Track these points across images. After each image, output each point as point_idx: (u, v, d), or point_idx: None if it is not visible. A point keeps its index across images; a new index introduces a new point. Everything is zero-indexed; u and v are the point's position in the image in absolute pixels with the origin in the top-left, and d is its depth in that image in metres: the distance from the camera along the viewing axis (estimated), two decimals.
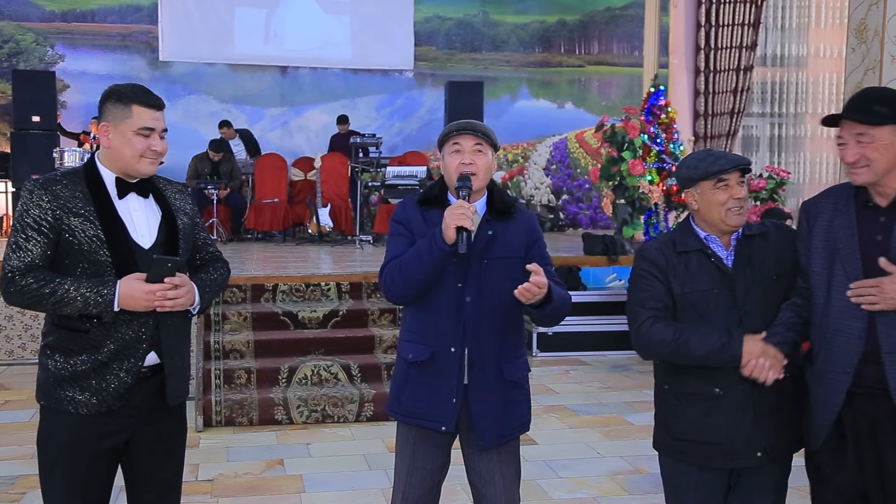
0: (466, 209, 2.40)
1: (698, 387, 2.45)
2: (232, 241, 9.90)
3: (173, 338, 2.48)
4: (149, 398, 2.43)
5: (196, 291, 2.44)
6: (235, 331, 6.07)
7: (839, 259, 2.38)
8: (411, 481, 2.60)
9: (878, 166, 2.32)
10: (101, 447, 2.38)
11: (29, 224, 2.31)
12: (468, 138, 2.54)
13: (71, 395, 2.35)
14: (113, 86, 2.48)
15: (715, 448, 2.44)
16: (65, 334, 2.37)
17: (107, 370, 2.35)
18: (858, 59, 7.65)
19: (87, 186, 2.39)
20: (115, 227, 2.37)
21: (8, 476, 4.34)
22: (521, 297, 2.36)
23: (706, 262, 2.47)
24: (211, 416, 5.31)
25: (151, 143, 2.40)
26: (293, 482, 4.33)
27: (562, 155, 12.57)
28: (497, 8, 12.42)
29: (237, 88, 11.64)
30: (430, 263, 2.46)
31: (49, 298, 2.28)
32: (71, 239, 2.32)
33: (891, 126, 2.31)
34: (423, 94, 12.20)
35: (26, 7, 10.97)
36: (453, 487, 2.69)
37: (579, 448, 4.87)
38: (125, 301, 2.30)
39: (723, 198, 2.44)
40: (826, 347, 2.39)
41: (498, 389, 2.55)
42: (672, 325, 2.44)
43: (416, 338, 2.60)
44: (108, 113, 2.40)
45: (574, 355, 7.19)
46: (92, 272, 2.33)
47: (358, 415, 5.45)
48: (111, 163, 2.43)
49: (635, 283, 2.55)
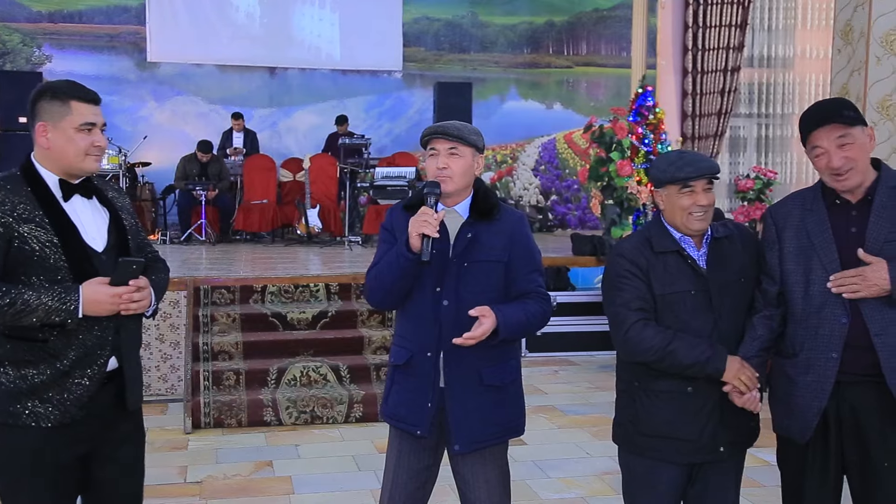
0: (429, 216, 2.38)
1: (671, 385, 2.49)
2: (220, 242, 9.87)
3: (132, 341, 2.43)
4: (108, 404, 2.37)
5: (152, 294, 2.38)
6: (224, 332, 6.06)
7: (815, 254, 2.46)
8: (398, 481, 2.60)
9: (862, 166, 2.42)
10: (67, 458, 2.31)
11: None
12: (442, 142, 2.52)
13: (30, 409, 2.25)
14: (45, 83, 2.40)
15: (683, 443, 2.48)
16: (18, 345, 2.26)
17: (68, 379, 2.27)
18: (844, 60, 7.70)
19: (31, 190, 2.27)
20: (68, 231, 2.28)
21: None
22: (461, 344, 2.38)
23: (682, 264, 2.50)
24: (200, 417, 5.30)
25: (94, 138, 2.32)
26: (282, 483, 4.34)
27: (550, 156, 12.59)
28: (485, 9, 12.44)
29: (225, 89, 11.61)
30: (399, 270, 2.46)
31: (7, 310, 2.17)
32: (23, 247, 2.21)
33: (860, 127, 2.42)
34: (411, 95, 12.20)
35: (12, 7, 10.91)
36: (442, 488, 2.70)
37: (568, 448, 4.90)
38: (89, 307, 2.22)
39: (687, 203, 2.47)
40: (811, 338, 2.46)
41: (476, 394, 2.52)
42: (660, 332, 2.45)
43: (399, 341, 2.62)
44: (43, 112, 2.30)
45: (562, 355, 7.22)
46: (48, 279, 2.24)
47: (347, 416, 5.46)
48: (52, 163, 2.32)
49: (616, 283, 2.54)
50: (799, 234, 2.50)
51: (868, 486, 2.47)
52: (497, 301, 2.47)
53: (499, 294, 2.51)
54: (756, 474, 3.58)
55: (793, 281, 2.49)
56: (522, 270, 2.55)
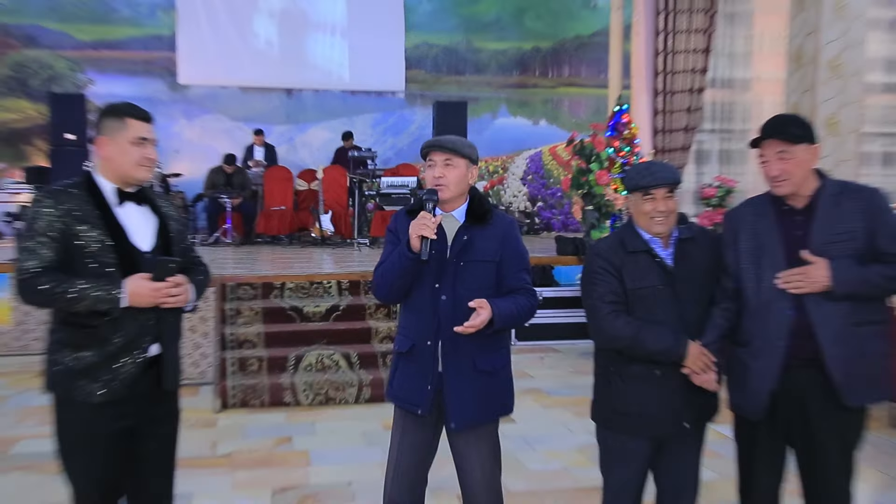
0: (428, 220, 2.41)
1: (641, 369, 2.51)
2: (244, 244, 9.88)
3: (171, 330, 2.48)
4: (150, 385, 2.42)
5: (192, 291, 2.46)
6: (248, 324, 6.09)
7: (765, 254, 2.48)
8: (401, 454, 2.62)
9: (796, 179, 2.44)
10: (114, 430, 2.36)
11: (38, 231, 2.28)
12: (438, 154, 2.54)
13: (83, 386, 2.31)
14: (108, 104, 2.46)
15: (651, 420, 2.50)
16: (73, 331, 2.33)
17: (115, 362, 2.33)
18: (796, 82, 7.75)
19: (89, 196, 2.36)
20: (118, 232, 2.35)
21: (51, 452, 4.33)
22: (462, 332, 2.40)
23: (652, 262, 2.51)
24: (227, 399, 5.33)
25: (146, 151, 2.39)
26: (300, 457, 4.35)
27: (537, 166, 12.61)
28: (479, 36, 12.46)
29: (247, 108, 11.62)
30: (400, 269, 2.48)
31: (62, 297, 2.25)
32: (79, 244, 2.29)
33: (804, 144, 2.43)
34: (413, 113, 12.22)
35: (61, 37, 10.94)
36: (441, 461, 2.73)
37: (552, 425, 4.92)
38: (132, 298, 2.29)
39: (648, 208, 2.50)
40: (761, 328, 2.47)
41: (471, 378, 2.53)
42: (630, 322, 2.48)
43: (402, 331, 2.63)
44: (105, 128, 2.38)
45: (548, 344, 7.23)
46: (99, 273, 2.30)
47: (357, 397, 5.48)
48: (109, 173, 2.40)
49: (592, 279, 2.57)
50: (751, 236, 2.51)
51: (810, 457, 2.49)
52: (489, 296, 2.47)
53: (491, 290, 2.52)
54: (717, 446, 3.62)
55: (746, 278, 2.50)
56: (512, 269, 2.56)
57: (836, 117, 7.54)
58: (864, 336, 2.41)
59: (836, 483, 2.47)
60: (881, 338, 2.46)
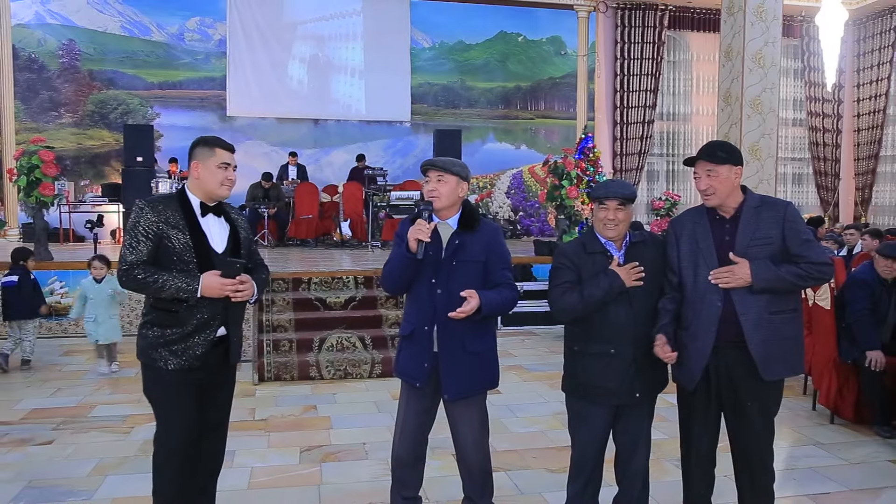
0: (423, 226, 2.42)
1: (599, 348, 2.49)
2: (278, 246, 9.86)
3: (236, 317, 2.53)
4: (217, 358, 2.47)
5: (255, 287, 2.49)
6: (281, 311, 6.07)
7: (701, 255, 2.47)
8: (406, 419, 2.61)
9: (721, 193, 2.44)
10: (187, 390, 2.42)
11: (140, 232, 2.36)
12: (432, 171, 2.54)
13: (164, 356, 2.38)
14: (200, 137, 2.53)
15: (607, 390, 2.49)
16: (160, 313, 2.41)
17: (190, 339, 2.39)
18: (725, 116, 7.77)
19: (180, 207, 2.43)
20: (200, 237, 2.42)
21: (121, 415, 4.34)
22: (455, 317, 2.39)
23: (606, 261, 2.50)
24: (263, 373, 5.31)
25: (228, 174, 2.47)
26: (324, 422, 4.35)
27: (518, 183, 12.59)
28: (471, 77, 12.45)
29: (282, 135, 11.59)
30: (401, 266, 2.49)
31: (152, 286, 2.34)
32: (168, 244, 2.37)
33: (728, 165, 2.43)
34: (417, 139, 12.19)
35: (134, 80, 10.97)
36: (440, 425, 2.71)
37: (531, 396, 4.91)
38: (206, 290, 2.36)
39: (601, 215, 2.50)
40: (695, 315, 2.46)
41: (461, 358, 2.51)
42: (574, 291, 2.46)
43: (406, 318, 2.63)
44: (197, 154, 2.46)
45: (527, 329, 7.23)
46: (182, 268, 2.37)
47: (370, 373, 5.47)
48: (198, 190, 2.47)
49: (555, 272, 2.57)
50: (690, 240, 2.51)
51: (738, 422, 2.49)
52: (478, 290, 2.46)
53: (479, 285, 2.51)
54: (665, 412, 3.61)
55: (685, 274, 2.50)
56: (496, 267, 2.55)
57: (758, 145, 7.57)
58: (779, 322, 2.40)
59: (759, 441, 2.47)
60: (793, 323, 2.45)
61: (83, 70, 10.82)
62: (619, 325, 2.46)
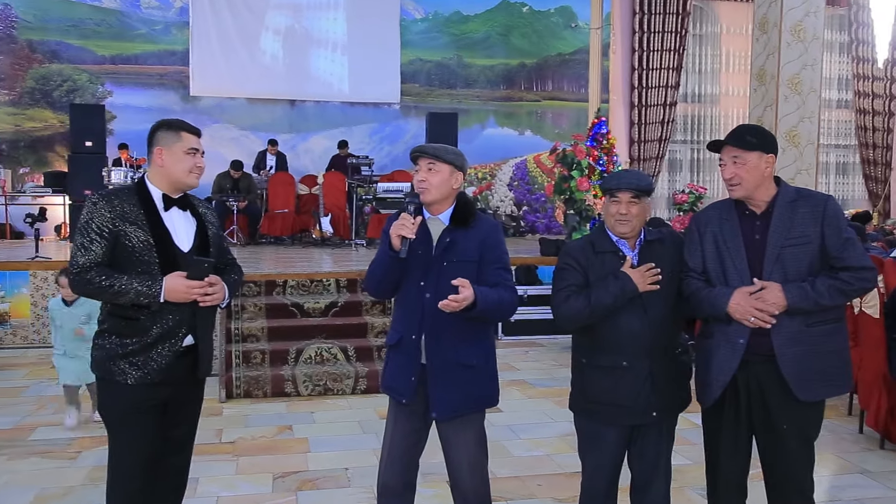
0: (407, 221, 2.40)
1: (609, 360, 2.47)
2: (249, 244, 9.85)
3: (205, 324, 2.51)
4: (184, 371, 2.47)
5: (226, 290, 2.49)
6: (252, 319, 6.05)
7: (728, 255, 2.45)
8: (394, 441, 2.60)
9: (748, 184, 2.43)
10: (148, 408, 2.41)
11: (93, 229, 2.33)
12: (423, 159, 2.52)
13: (122, 369, 2.37)
14: (161, 119, 2.52)
15: (621, 409, 2.47)
16: (119, 321, 2.39)
17: (153, 349, 2.38)
18: (759, 97, 7.78)
19: (139, 200, 2.41)
20: (162, 233, 2.40)
21: (66, 438, 4.29)
22: (445, 308, 2.34)
23: (617, 261, 2.48)
24: (232, 389, 5.30)
25: (197, 160, 2.47)
26: (300, 444, 4.34)
27: (522, 174, 12.61)
28: (469, 52, 12.46)
29: (254, 118, 11.58)
30: (383, 266, 2.49)
31: (108, 290, 2.31)
32: (126, 242, 2.35)
33: (758, 152, 2.41)
34: (407, 124, 12.20)
35: (82, 52, 10.94)
36: (432, 448, 2.69)
37: (536, 415, 4.90)
38: (169, 294, 2.34)
39: (612, 210, 2.49)
40: (723, 324, 2.44)
41: (452, 371, 2.48)
42: (581, 295, 2.45)
43: (393, 325, 2.62)
44: (160, 139, 2.44)
45: (532, 338, 7.23)
46: (142, 270, 2.35)
47: (353, 388, 5.46)
48: (160, 180, 2.46)
49: (559, 275, 2.55)
50: (716, 238, 2.48)
51: (771, 447, 2.47)
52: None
53: None
54: (689, 434, 3.61)
55: (713, 277, 2.47)
56: (491, 266, 2.51)
57: (796, 130, 7.58)
58: (818, 335, 2.38)
59: (796, 469, 2.45)
60: (837, 335, 2.43)
61: (21, 40, 10.76)
62: (633, 335, 2.44)
